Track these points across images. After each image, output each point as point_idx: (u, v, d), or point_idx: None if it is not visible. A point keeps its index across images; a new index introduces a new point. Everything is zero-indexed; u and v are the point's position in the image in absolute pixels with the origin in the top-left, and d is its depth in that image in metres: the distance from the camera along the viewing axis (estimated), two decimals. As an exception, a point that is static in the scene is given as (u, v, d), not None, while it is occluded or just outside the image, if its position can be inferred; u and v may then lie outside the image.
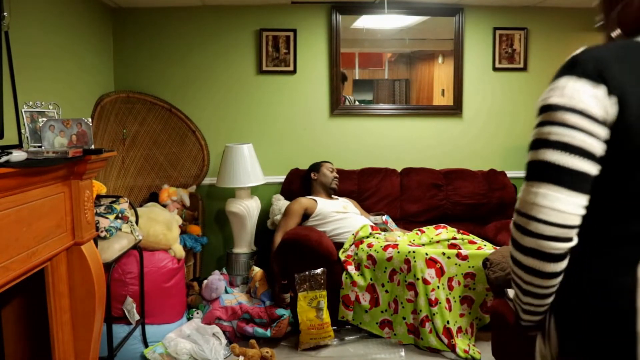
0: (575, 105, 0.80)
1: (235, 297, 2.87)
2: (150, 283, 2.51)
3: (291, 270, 2.79)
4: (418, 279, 2.58)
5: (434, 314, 2.55)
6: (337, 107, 3.61)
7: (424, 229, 3.05)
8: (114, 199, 2.34)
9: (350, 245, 2.93)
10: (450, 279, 2.63)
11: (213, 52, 3.53)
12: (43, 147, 1.82)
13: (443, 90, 3.73)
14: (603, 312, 0.81)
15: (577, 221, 0.80)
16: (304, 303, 2.73)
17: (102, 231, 2.10)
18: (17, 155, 1.39)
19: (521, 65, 3.69)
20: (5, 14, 1.95)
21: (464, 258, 2.64)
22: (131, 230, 2.31)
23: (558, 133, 0.81)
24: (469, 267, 2.64)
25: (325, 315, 2.73)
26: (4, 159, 1.33)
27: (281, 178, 3.54)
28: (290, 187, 3.44)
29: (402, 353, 2.57)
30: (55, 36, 2.61)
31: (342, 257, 2.87)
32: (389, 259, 2.68)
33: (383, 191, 3.48)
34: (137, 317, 2.41)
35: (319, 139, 3.64)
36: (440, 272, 2.61)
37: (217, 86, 3.56)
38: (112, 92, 3.33)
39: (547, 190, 0.80)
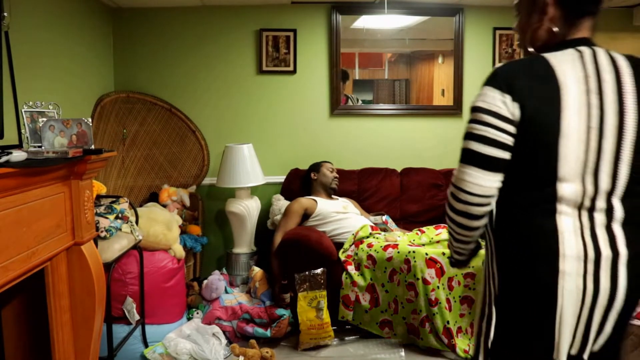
0: (490, 109, 1.09)
1: (235, 297, 2.87)
2: (150, 283, 2.51)
3: (291, 270, 2.79)
4: (418, 279, 2.58)
5: (434, 314, 2.55)
6: (337, 107, 3.61)
7: (424, 229, 3.05)
8: (114, 199, 2.34)
9: (350, 245, 2.93)
10: (450, 279, 2.63)
11: (213, 52, 3.53)
12: (43, 147, 1.82)
13: (443, 90, 3.73)
14: (534, 252, 1.10)
15: (493, 192, 1.11)
16: (304, 303, 2.73)
17: (102, 231, 2.10)
18: (17, 155, 1.39)
19: (521, 65, 3.69)
20: (5, 14, 1.95)
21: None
22: (131, 230, 2.31)
23: (479, 129, 1.10)
24: (469, 267, 2.64)
25: (325, 315, 2.73)
26: (4, 159, 1.33)
27: (281, 178, 3.55)
28: (290, 187, 3.44)
29: (402, 353, 2.57)
30: (55, 36, 2.61)
31: (342, 257, 2.87)
32: (389, 259, 2.68)
33: (383, 191, 3.49)
34: (137, 317, 2.41)
35: (319, 139, 3.64)
36: (440, 272, 2.61)
37: (217, 86, 3.56)
38: (112, 92, 3.33)
39: (471, 171, 1.10)
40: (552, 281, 1.07)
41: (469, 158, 1.11)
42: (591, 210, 1.09)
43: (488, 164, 1.09)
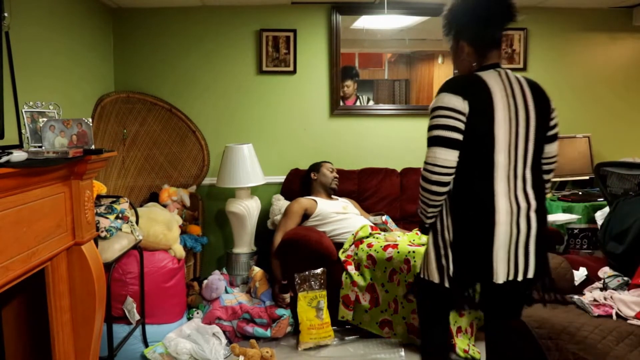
0: (449, 106, 1.57)
1: (236, 297, 2.87)
2: (151, 283, 2.51)
3: (291, 270, 2.79)
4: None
5: (433, 314, 2.55)
6: (337, 107, 3.61)
7: (423, 229, 3.05)
8: (114, 199, 2.34)
9: (350, 245, 2.93)
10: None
11: (213, 52, 3.53)
12: (43, 147, 1.82)
13: (443, 91, 3.72)
14: (479, 208, 1.59)
15: (455, 164, 1.58)
16: (304, 303, 2.73)
17: (102, 231, 2.11)
18: (18, 156, 1.39)
19: (521, 66, 3.69)
20: (6, 14, 1.95)
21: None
22: (131, 230, 2.31)
23: (442, 121, 1.57)
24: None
25: (325, 315, 2.73)
26: (5, 159, 1.34)
27: (281, 178, 3.55)
28: (290, 187, 3.44)
29: (402, 353, 2.58)
30: (55, 36, 2.61)
31: (342, 257, 2.87)
32: (389, 259, 2.69)
33: (383, 191, 3.49)
34: (137, 317, 2.41)
35: (319, 139, 3.64)
36: (440, 272, 2.61)
37: (217, 86, 3.56)
38: (113, 92, 3.33)
39: (440, 150, 1.57)
40: (491, 229, 1.57)
41: (438, 141, 1.58)
42: (514, 177, 1.60)
43: (450, 143, 1.57)
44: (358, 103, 3.71)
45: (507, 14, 1.70)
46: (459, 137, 1.56)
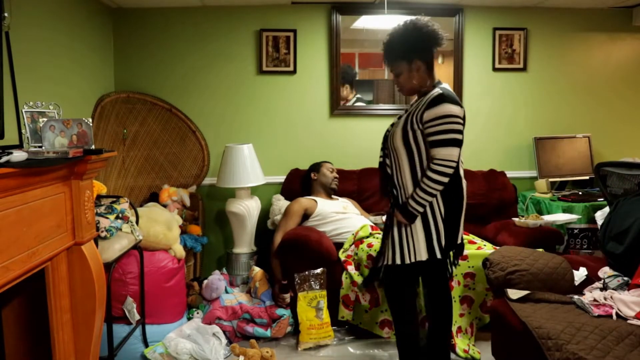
0: (459, 114, 2.01)
1: (236, 297, 2.87)
2: (151, 283, 2.51)
3: (291, 270, 2.79)
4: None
5: (433, 314, 2.55)
6: (337, 107, 3.61)
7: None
8: (115, 199, 2.34)
9: (350, 245, 2.93)
10: (449, 279, 2.63)
11: (213, 52, 3.54)
12: (43, 147, 1.82)
13: (443, 91, 3.72)
14: (459, 190, 2.09)
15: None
16: (304, 303, 2.73)
17: (102, 231, 2.11)
18: (18, 156, 1.39)
19: (521, 66, 3.69)
20: (6, 14, 1.95)
21: (464, 258, 2.64)
22: (131, 230, 2.31)
23: (457, 127, 2.00)
24: (469, 267, 2.64)
25: (325, 315, 2.73)
26: (5, 159, 1.34)
27: (281, 178, 3.55)
28: (290, 187, 3.44)
29: (402, 353, 2.58)
30: (55, 36, 2.62)
31: (342, 257, 2.87)
32: (389, 259, 2.68)
33: (383, 191, 3.48)
34: (137, 317, 2.41)
35: (319, 139, 3.64)
36: (440, 272, 2.61)
37: (217, 86, 3.57)
38: (113, 92, 3.33)
39: (455, 150, 2.00)
40: (462, 204, 2.11)
41: (456, 143, 2.00)
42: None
43: (460, 144, 2.02)
44: (358, 103, 3.70)
45: (441, 38, 2.12)
46: (462, 139, 2.03)
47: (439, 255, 2.05)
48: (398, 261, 2.09)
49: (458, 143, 1.99)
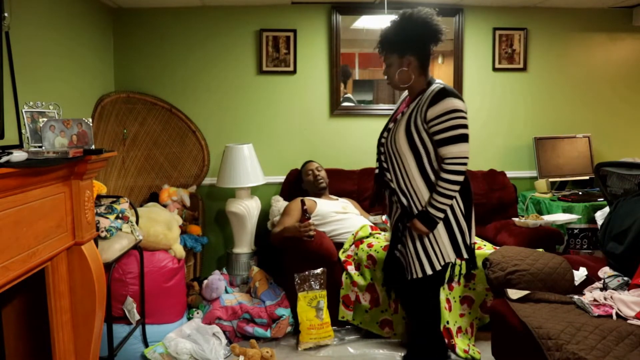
0: (464, 109, 1.94)
1: (236, 297, 2.87)
2: (151, 283, 2.51)
3: (291, 270, 2.79)
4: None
5: (433, 314, 2.55)
6: (337, 107, 3.61)
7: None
8: (115, 199, 2.34)
9: (350, 245, 2.93)
10: (450, 279, 2.63)
11: (213, 52, 3.53)
12: (43, 147, 1.82)
13: (443, 91, 3.72)
14: (469, 186, 2.06)
15: None
16: (304, 303, 2.73)
17: (102, 231, 2.11)
18: (18, 156, 1.39)
19: (521, 66, 3.69)
20: (6, 14, 1.95)
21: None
22: (131, 230, 2.31)
23: (464, 122, 1.94)
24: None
25: (325, 315, 2.73)
26: (5, 159, 1.34)
27: (281, 178, 3.55)
28: (290, 187, 3.44)
29: (402, 353, 2.57)
30: (55, 36, 2.61)
31: (342, 257, 2.87)
32: (389, 259, 2.68)
33: (383, 191, 3.48)
34: (137, 317, 2.41)
35: (319, 139, 3.64)
36: (440, 272, 2.61)
37: (218, 86, 3.56)
38: (113, 92, 3.33)
39: (466, 145, 1.93)
40: (472, 199, 2.08)
41: (465, 138, 1.93)
42: None
43: (468, 139, 1.94)
44: (351, 103, 3.69)
45: (439, 35, 2.05)
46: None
47: (465, 255, 2.04)
48: (429, 271, 2.01)
49: (467, 138, 1.91)
